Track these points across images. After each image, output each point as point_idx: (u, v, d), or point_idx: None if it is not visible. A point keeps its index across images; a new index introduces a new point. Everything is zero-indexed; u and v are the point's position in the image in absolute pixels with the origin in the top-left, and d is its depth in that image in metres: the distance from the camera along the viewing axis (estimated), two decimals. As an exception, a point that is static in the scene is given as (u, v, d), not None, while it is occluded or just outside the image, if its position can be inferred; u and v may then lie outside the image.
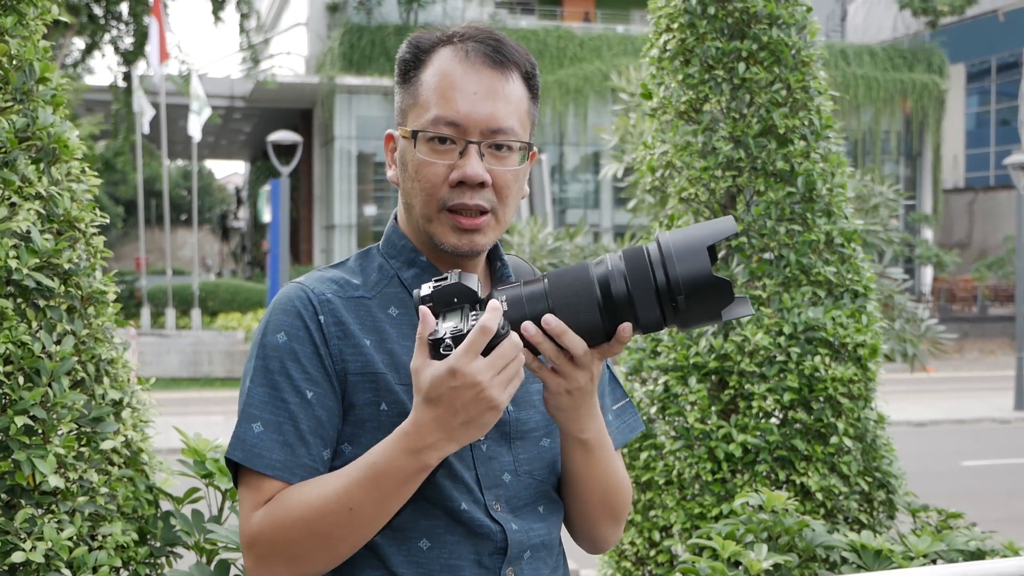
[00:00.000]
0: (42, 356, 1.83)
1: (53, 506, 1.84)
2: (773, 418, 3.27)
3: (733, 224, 1.28)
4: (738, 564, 2.58)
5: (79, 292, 1.96)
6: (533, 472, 1.47)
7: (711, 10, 3.37)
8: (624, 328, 1.29)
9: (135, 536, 2.00)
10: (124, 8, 20.74)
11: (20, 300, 1.85)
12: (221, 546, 2.18)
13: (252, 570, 1.36)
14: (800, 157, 3.35)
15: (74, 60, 21.50)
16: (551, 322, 1.28)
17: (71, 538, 1.83)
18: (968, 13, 30.03)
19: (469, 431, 1.26)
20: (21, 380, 1.81)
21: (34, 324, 1.85)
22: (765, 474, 3.22)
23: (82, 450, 1.91)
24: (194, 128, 20.23)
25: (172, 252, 26.27)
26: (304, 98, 26.93)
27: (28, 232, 1.86)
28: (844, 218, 3.39)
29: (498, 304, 1.25)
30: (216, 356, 18.87)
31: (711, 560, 2.55)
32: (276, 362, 1.39)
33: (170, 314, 20.65)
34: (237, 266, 41.97)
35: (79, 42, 21.15)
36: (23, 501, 1.82)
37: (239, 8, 21.59)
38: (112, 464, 2.01)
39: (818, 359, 3.19)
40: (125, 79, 21.13)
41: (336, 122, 25.68)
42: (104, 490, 1.94)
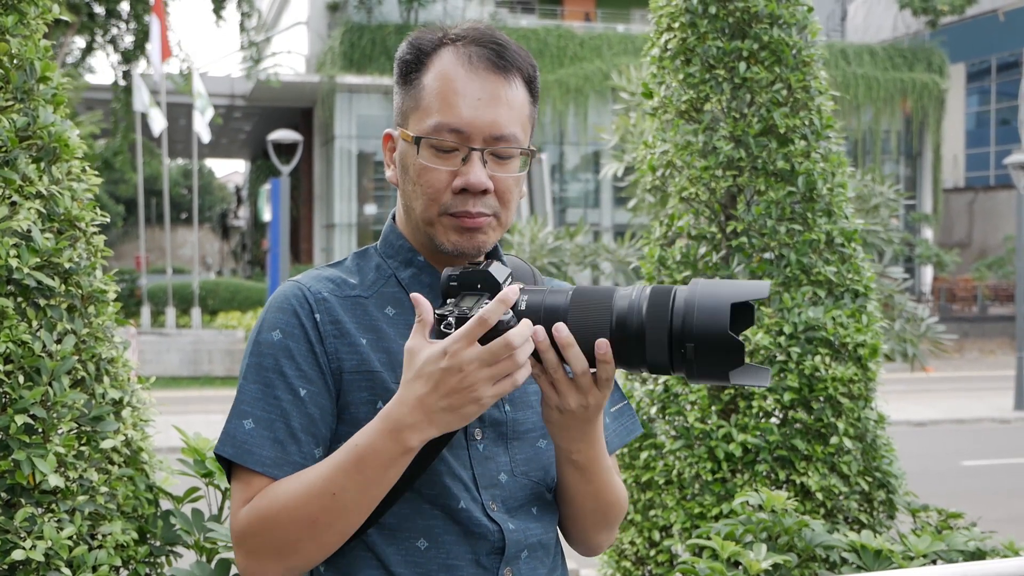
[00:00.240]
0: (42, 355, 1.83)
1: (53, 505, 1.84)
2: (773, 418, 3.27)
3: (766, 288, 1.26)
4: (738, 564, 2.58)
5: (79, 291, 1.96)
6: (529, 473, 1.47)
7: (712, 9, 3.37)
8: (599, 344, 1.27)
9: (135, 535, 2.00)
10: (125, 7, 20.73)
11: (20, 299, 1.85)
12: (221, 545, 2.18)
13: (243, 566, 1.35)
14: (801, 157, 3.35)
15: (74, 59, 21.50)
16: (561, 331, 1.28)
17: (71, 537, 1.83)
18: (968, 13, 30.02)
19: (449, 418, 1.25)
20: (21, 379, 1.81)
21: (34, 323, 1.85)
22: (765, 474, 3.22)
23: (82, 449, 1.91)
24: (202, 128, 20.20)
25: (172, 251, 26.27)
26: (304, 97, 26.93)
27: (29, 231, 1.86)
28: (844, 218, 3.39)
29: (508, 297, 1.23)
30: (216, 355, 18.87)
31: (711, 560, 2.54)
32: (270, 359, 1.39)
33: (170, 313, 20.65)
34: (237, 265, 41.96)
35: (80, 41, 21.15)
36: (23, 500, 1.82)
37: (240, 7, 21.59)
38: (112, 463, 2.01)
39: (818, 359, 3.19)
40: (125, 78, 21.12)
41: (336, 121, 25.68)
42: (104, 489, 1.94)
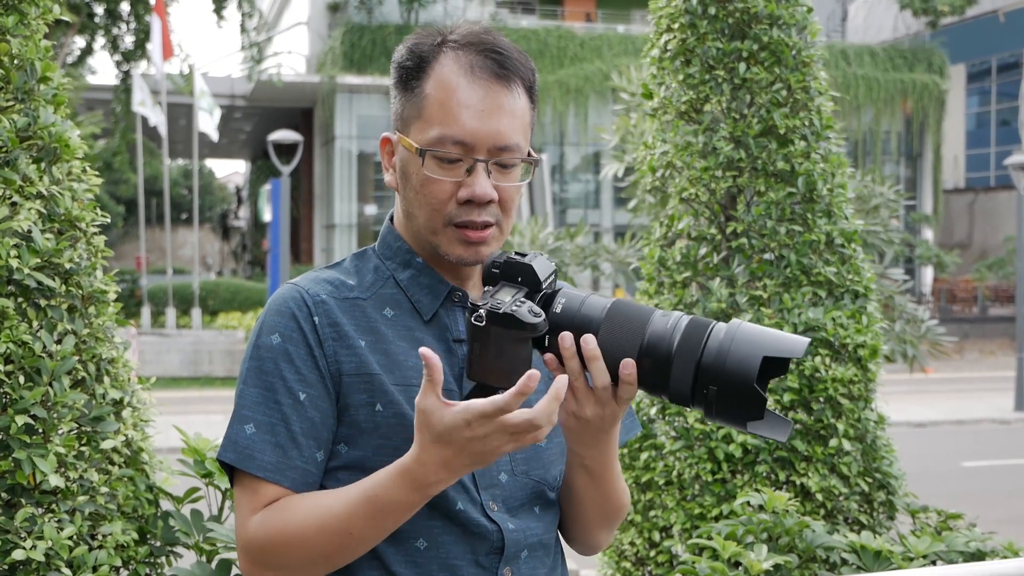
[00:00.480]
0: (43, 355, 1.83)
1: (53, 505, 1.84)
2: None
3: (803, 347, 1.24)
4: (738, 564, 2.58)
5: (80, 291, 1.96)
6: (529, 472, 1.47)
7: (712, 10, 3.37)
8: (624, 364, 1.28)
9: (135, 535, 2.00)
10: (125, 7, 20.73)
11: (21, 299, 1.86)
12: (221, 545, 2.18)
13: (247, 572, 1.37)
14: (800, 157, 3.35)
15: (74, 60, 21.49)
16: (588, 343, 1.28)
17: (71, 537, 1.83)
18: (968, 13, 30.01)
19: (473, 468, 1.28)
20: (22, 379, 1.81)
21: (35, 323, 1.85)
22: (765, 475, 3.22)
23: (82, 449, 1.91)
24: (210, 128, 20.16)
25: (172, 251, 26.26)
26: (305, 97, 26.93)
27: (29, 231, 1.86)
28: (844, 218, 3.39)
29: (527, 388, 1.18)
30: (216, 355, 18.87)
31: (711, 560, 2.54)
32: (270, 363, 1.39)
33: (170, 313, 20.64)
34: (237, 265, 41.96)
35: (80, 41, 21.16)
36: (23, 500, 1.82)
37: (241, 8, 21.59)
38: (112, 463, 2.01)
39: (818, 359, 3.19)
40: (126, 78, 21.12)
41: (337, 121, 25.68)
42: (104, 489, 1.94)
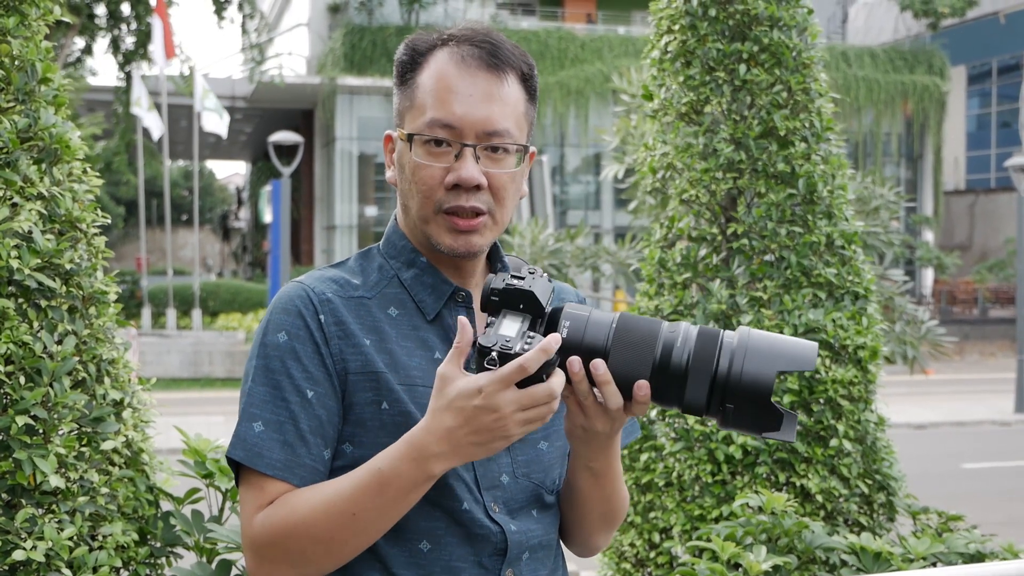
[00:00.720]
0: (43, 356, 1.83)
1: (54, 506, 1.84)
2: (773, 420, 3.27)
3: (813, 358, 1.25)
4: (738, 566, 2.58)
5: (80, 292, 1.96)
6: (530, 474, 1.48)
7: (712, 12, 3.38)
8: (639, 386, 1.28)
9: (135, 536, 2.00)
10: (126, 8, 20.74)
11: (22, 300, 1.86)
12: (222, 546, 2.18)
13: (254, 570, 1.37)
14: (801, 159, 3.35)
15: (72, 60, 21.49)
16: (599, 368, 1.28)
17: (71, 538, 1.84)
18: (969, 15, 30.02)
19: (475, 451, 1.27)
20: (22, 380, 1.81)
21: (35, 324, 1.85)
22: (765, 476, 3.22)
23: (83, 450, 1.91)
24: (221, 127, 20.15)
25: (173, 252, 26.26)
26: (305, 99, 26.94)
27: (30, 232, 1.86)
28: (845, 220, 3.39)
29: (550, 345, 1.21)
30: (217, 356, 18.87)
31: (711, 562, 2.55)
32: (277, 361, 1.39)
33: (171, 314, 20.65)
34: (238, 266, 41.98)
35: (80, 42, 21.16)
36: (24, 501, 1.82)
37: (242, 9, 21.60)
38: (113, 464, 2.01)
39: (818, 361, 3.19)
40: (126, 79, 21.12)
41: (337, 123, 25.68)
42: (105, 490, 1.94)
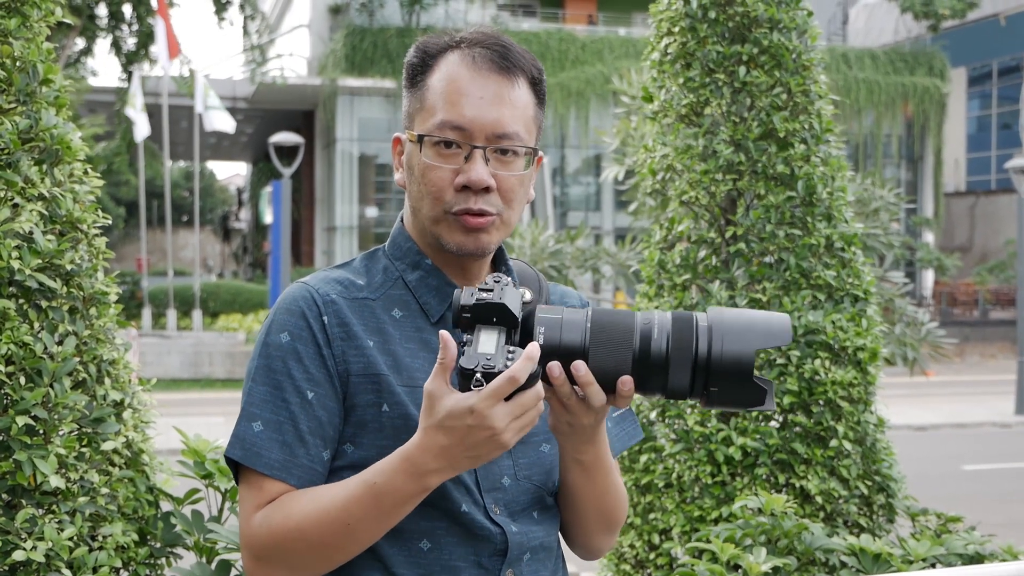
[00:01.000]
0: (44, 357, 1.84)
1: (54, 506, 1.84)
2: (773, 421, 3.28)
3: (788, 331, 1.26)
4: (737, 567, 2.58)
5: (81, 293, 1.96)
6: (532, 477, 1.48)
7: (712, 14, 3.38)
8: (623, 381, 1.28)
9: (135, 537, 2.00)
10: (127, 10, 20.75)
11: (22, 301, 1.86)
12: (221, 546, 2.18)
13: (250, 569, 1.38)
14: (800, 161, 3.35)
15: (72, 61, 21.49)
16: (580, 369, 1.28)
17: (71, 538, 1.84)
18: (969, 17, 30.03)
19: (472, 463, 1.27)
20: (23, 380, 1.81)
21: (36, 325, 1.85)
22: (765, 477, 3.22)
23: (83, 450, 1.91)
24: (227, 123, 20.14)
25: (173, 253, 26.25)
26: (306, 100, 26.95)
27: (31, 233, 1.86)
28: (844, 222, 3.39)
29: (534, 352, 1.23)
30: (217, 357, 18.87)
31: (710, 563, 2.55)
32: (279, 362, 1.40)
33: (171, 315, 20.65)
34: (238, 267, 42.00)
35: (81, 43, 21.18)
36: (24, 501, 1.83)
37: (243, 10, 21.61)
38: (113, 465, 2.01)
39: (818, 362, 3.19)
40: (128, 80, 21.13)
41: (338, 124, 25.69)
42: (105, 490, 1.94)
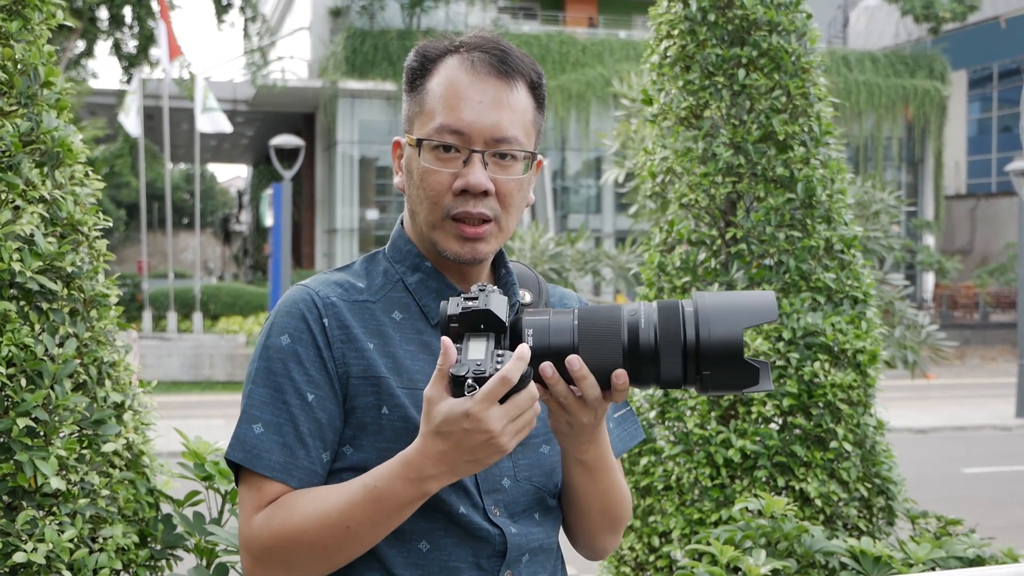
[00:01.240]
0: (44, 358, 1.84)
1: (54, 508, 1.84)
2: (772, 423, 3.28)
3: (774, 307, 1.27)
4: (737, 570, 2.58)
5: (82, 295, 1.97)
6: (532, 478, 1.48)
7: (711, 17, 3.38)
8: (617, 375, 1.28)
9: (136, 538, 2.01)
10: (128, 12, 20.77)
11: (23, 303, 1.86)
12: (220, 548, 2.18)
13: (249, 570, 1.38)
14: (800, 163, 3.35)
15: (71, 63, 21.51)
16: (574, 364, 1.28)
17: (72, 540, 1.84)
18: (970, 20, 30.02)
19: (472, 468, 1.27)
20: (23, 382, 1.82)
21: (37, 327, 1.86)
22: (764, 480, 3.22)
23: (83, 452, 1.92)
24: (222, 124, 20.15)
25: (174, 255, 26.26)
26: (307, 102, 26.96)
27: (32, 235, 1.87)
28: (844, 224, 3.39)
29: (525, 352, 1.23)
30: (217, 359, 18.87)
31: (710, 565, 2.55)
32: (279, 364, 1.40)
33: (172, 317, 20.66)
34: (239, 270, 42.02)
35: (83, 45, 21.20)
36: (24, 503, 1.83)
37: (244, 12, 21.62)
38: (113, 466, 2.02)
39: (817, 365, 3.19)
40: (128, 82, 21.15)
41: (338, 126, 25.70)
42: (105, 492, 1.94)
